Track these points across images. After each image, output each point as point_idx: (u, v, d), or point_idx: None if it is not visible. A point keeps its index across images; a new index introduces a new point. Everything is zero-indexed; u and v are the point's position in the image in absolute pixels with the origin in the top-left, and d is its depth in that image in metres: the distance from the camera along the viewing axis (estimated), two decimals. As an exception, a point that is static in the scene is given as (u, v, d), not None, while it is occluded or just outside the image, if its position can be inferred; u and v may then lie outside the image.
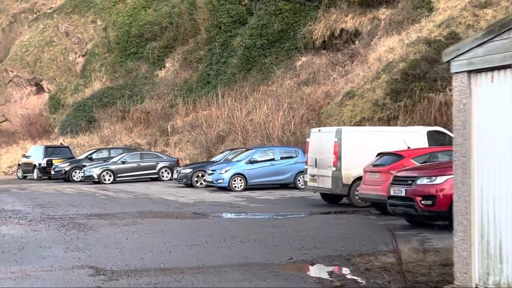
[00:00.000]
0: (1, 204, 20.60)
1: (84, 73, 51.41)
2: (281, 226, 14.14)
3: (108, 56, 50.34)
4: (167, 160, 31.72)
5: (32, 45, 53.85)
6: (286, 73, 37.66)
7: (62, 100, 50.99)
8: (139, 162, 31.00)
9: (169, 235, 13.09)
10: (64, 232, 13.75)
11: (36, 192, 26.16)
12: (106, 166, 30.43)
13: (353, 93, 29.77)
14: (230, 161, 24.83)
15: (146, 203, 20.05)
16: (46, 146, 36.55)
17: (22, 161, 37.23)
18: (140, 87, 46.32)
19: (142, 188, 26.54)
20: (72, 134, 44.73)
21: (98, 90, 47.79)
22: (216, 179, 23.96)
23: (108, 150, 34.20)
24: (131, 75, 47.98)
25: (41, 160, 34.90)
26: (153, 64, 47.48)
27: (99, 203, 20.48)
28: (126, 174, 30.61)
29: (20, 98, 54.14)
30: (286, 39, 39.76)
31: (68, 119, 46.56)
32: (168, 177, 31.08)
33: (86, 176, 30.33)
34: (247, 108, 34.51)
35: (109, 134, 41.25)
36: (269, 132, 31.73)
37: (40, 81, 53.09)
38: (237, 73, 39.96)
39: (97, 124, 44.48)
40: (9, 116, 54.00)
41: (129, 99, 45.10)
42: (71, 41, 53.24)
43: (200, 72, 42.94)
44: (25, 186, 30.28)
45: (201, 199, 21.11)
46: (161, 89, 44.90)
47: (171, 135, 37.52)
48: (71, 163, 33.13)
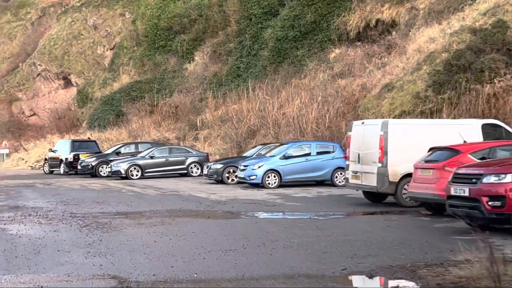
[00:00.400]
0: (23, 201, 19.40)
1: (112, 67, 50.35)
2: (325, 228, 12.62)
3: (137, 50, 49.20)
4: (196, 155, 30.35)
5: (60, 39, 52.96)
6: (319, 66, 36.08)
7: (90, 94, 49.99)
8: (168, 157, 29.68)
9: (201, 238, 11.67)
10: (86, 233, 12.41)
11: (61, 187, 24.98)
12: (134, 161, 29.18)
13: (392, 86, 28.07)
14: (263, 157, 23.32)
15: (175, 201, 18.66)
16: (73, 140, 35.47)
17: (48, 156, 36.20)
18: (169, 81, 45.10)
19: (171, 184, 25.20)
20: (100, 129, 43.69)
21: (126, 84, 46.66)
22: (248, 175, 22.50)
23: (136, 144, 32.97)
24: (159, 69, 46.78)
25: (68, 154, 33.80)
26: (182, 57, 46.22)
27: (125, 200, 19.15)
28: (154, 170, 29.32)
29: (48, 92, 53.30)
30: (319, 30, 38.17)
31: (96, 113, 45.51)
32: (197, 173, 29.72)
33: (113, 172, 29.11)
34: (279, 101, 32.99)
35: (137, 129, 40.06)
36: (302, 126, 30.17)
37: (68, 75, 52.17)
38: (268, 66, 38.50)
39: (125, 118, 43.37)
40: (37, 110, 53.19)
41: (158, 93, 43.92)
42: (99, 34, 52.23)
43: (230, 65, 41.55)
44: (50, 181, 29.17)
45: (233, 197, 19.67)
46: (190, 83, 43.62)
47: (201, 130, 36.18)
48: (98, 157, 31.97)
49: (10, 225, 13.79)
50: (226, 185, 24.32)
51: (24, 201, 19.16)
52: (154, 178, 29.18)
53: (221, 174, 24.49)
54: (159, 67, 46.95)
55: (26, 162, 45.27)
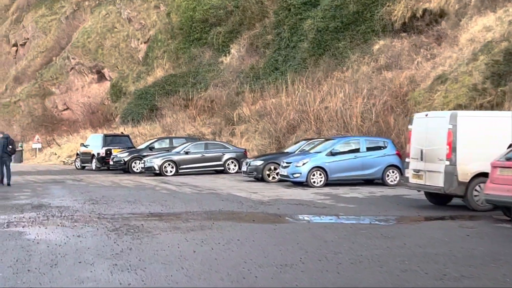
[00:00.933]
0: (49, 199, 17.73)
1: (146, 60, 48.81)
2: (393, 237, 10.61)
3: (171, 43, 47.53)
4: (233, 151, 28.48)
5: (94, 32, 51.61)
6: (363, 58, 33.92)
7: (123, 88, 48.53)
8: (204, 153, 27.86)
9: (248, 247, 9.76)
10: (114, 239, 10.59)
11: (91, 184, 23.32)
12: (168, 157, 27.42)
13: (445, 77, 25.84)
14: (308, 153, 21.32)
15: (213, 200, 16.80)
16: (105, 135, 33.84)
17: (80, 151, 34.72)
18: (204, 74, 43.34)
19: (208, 182, 23.36)
20: (133, 123, 42.14)
21: (161, 78, 45.03)
22: (292, 173, 20.52)
23: (170, 139, 31.20)
24: (194, 62, 45.04)
25: (100, 149, 32.23)
26: (218, 50, 44.42)
27: (159, 199, 17.35)
28: (189, 166, 27.55)
29: (82, 86, 52.02)
30: (361, 21, 35.96)
31: (130, 108, 43.97)
32: (234, 170, 27.88)
33: (147, 168, 27.41)
34: (320, 95, 30.93)
35: (171, 123, 38.38)
36: (346, 121, 28.08)
37: (102, 68, 50.79)
38: (308, 59, 36.47)
39: (159, 112, 41.75)
40: (70, 104, 51.96)
41: (193, 87, 42.22)
42: (133, 27, 50.74)
43: (267, 58, 39.62)
44: (81, 177, 27.58)
45: (277, 196, 17.72)
46: (226, 76, 41.79)
47: (237, 125, 34.30)
48: (130, 153, 30.31)
49: (29, 228, 12.05)
50: (266, 183, 22.38)
51: (50, 199, 17.49)
52: (189, 175, 27.44)
53: (261, 171, 22.56)
54: (194, 60, 45.22)
55: (59, 157, 43.99)
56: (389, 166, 20.47)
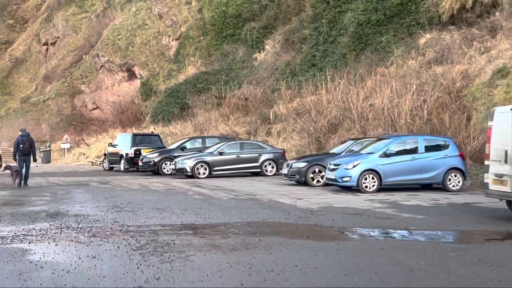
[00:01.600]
0: (68, 204, 15.51)
1: (177, 58, 46.69)
2: (498, 264, 8.08)
3: (203, 39, 45.32)
4: (271, 151, 26.07)
5: (124, 29, 49.67)
6: (408, 53, 31.27)
7: (154, 86, 46.46)
8: (239, 154, 25.50)
9: (312, 279, 7.32)
10: (138, 262, 8.24)
11: (117, 187, 21.10)
12: (201, 158, 25.11)
13: (506, 71, 23.11)
14: (358, 154, 18.78)
15: (254, 208, 14.39)
16: (134, 134, 31.66)
17: (108, 151, 32.64)
18: (237, 72, 41.03)
19: (245, 185, 20.98)
20: (164, 122, 40.01)
21: (192, 75, 42.83)
22: (340, 176, 18.02)
23: (203, 139, 28.91)
24: (227, 59, 42.74)
25: (128, 149, 30.10)
26: (252, 46, 42.06)
27: (192, 205, 15.01)
28: (223, 168, 25.22)
29: (112, 84, 50.10)
30: (406, 13, 33.27)
31: (160, 106, 41.84)
32: (272, 172, 25.48)
33: (178, 169, 25.13)
34: (364, 91, 28.34)
35: (204, 122, 36.12)
36: (394, 119, 25.47)
37: (132, 66, 48.80)
38: (348, 54, 33.93)
39: (191, 111, 39.54)
40: (100, 103, 50.09)
41: (225, 85, 39.96)
42: (164, 24, 48.66)
43: (304, 54, 37.13)
44: (108, 179, 25.42)
45: (326, 204, 15.25)
46: (261, 73, 39.41)
47: (274, 123, 31.86)
48: (161, 153, 28.08)
49: (37, 244, 9.78)
50: (311, 187, 19.90)
51: (69, 205, 15.27)
52: (223, 177, 25.12)
53: (304, 174, 20.08)
54: (226, 57, 42.93)
55: (87, 158, 42.09)
56: (451, 169, 17.86)
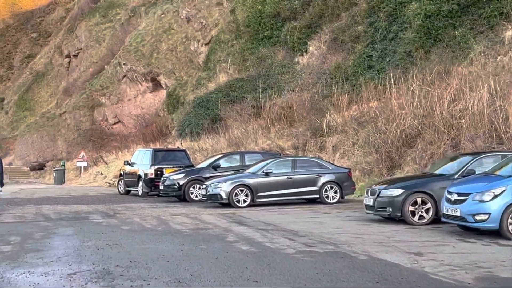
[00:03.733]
0: (25, 268, 8.63)
1: (207, 65, 39.98)
2: None
3: (237, 43, 38.59)
4: (333, 171, 18.95)
5: (149, 34, 43.21)
6: (492, 48, 24.27)
7: (181, 97, 39.83)
8: (291, 174, 18.46)
9: None
10: None
11: (125, 223, 14.19)
12: (241, 180, 18.13)
13: None
14: (493, 176, 11.57)
15: (357, 280, 7.37)
16: (155, 150, 24.68)
17: (124, 170, 25.90)
18: (277, 78, 34.22)
19: (309, 222, 13.90)
20: (192, 136, 33.27)
21: (225, 83, 36.07)
22: (471, 213, 10.85)
23: (241, 155, 21.87)
24: (264, 64, 35.93)
25: (148, 169, 23.32)
26: (293, 48, 35.26)
27: (238, 269, 8.09)
28: (270, 193, 18.21)
29: (135, 96, 43.60)
30: (485, 2, 26.31)
31: (188, 118, 35.10)
32: (335, 198, 18.46)
33: (210, 195, 18.20)
34: (448, 94, 21.19)
35: (240, 136, 29.23)
36: (500, 128, 18.29)
37: (157, 75, 42.24)
38: (414, 52, 26.93)
39: (223, 123, 32.72)
40: (121, 117, 43.56)
41: (264, 92, 33.17)
42: (192, 27, 42.10)
43: (357, 54, 30.15)
44: (118, 208, 18.56)
45: (475, 265, 8.19)
46: (304, 79, 32.54)
47: (328, 136, 24.81)
48: (187, 173, 21.15)
49: None
50: (411, 227, 12.73)
51: (27, 269, 8.42)
52: (270, 205, 18.14)
53: (400, 207, 12.92)
54: (264, 62, 36.12)
55: (105, 178, 35.48)
56: None
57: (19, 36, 71.90)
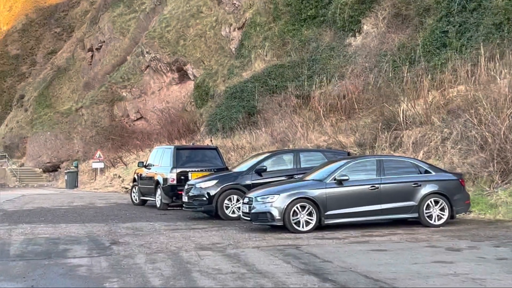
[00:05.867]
0: None
1: (241, 52, 33.70)
2: None
3: (275, 26, 32.24)
4: (437, 177, 12.30)
5: (175, 19, 37.05)
6: None
7: (211, 88, 33.58)
8: (376, 182, 11.90)
9: None
10: None
11: (121, 267, 7.81)
12: (301, 192, 11.60)
13: None
14: None
15: None
16: (178, 148, 18.10)
17: (139, 174, 19.61)
18: (325, 62, 27.77)
19: (444, 276, 7.42)
20: (224, 133, 26.99)
21: (262, 71, 29.71)
22: None
23: (296, 154, 15.13)
24: (308, 48, 29.52)
25: (168, 172, 16.99)
26: (343, 28, 28.78)
27: None
28: (346, 211, 11.66)
29: (159, 88, 37.43)
30: None
31: (219, 112, 28.80)
32: (442, 219, 11.91)
33: (256, 214, 11.74)
34: None
35: (283, 131, 22.77)
36: None
37: (184, 64, 36.03)
38: (505, 23, 20.26)
39: (262, 116, 26.35)
40: (144, 112, 37.46)
41: (309, 80, 26.73)
42: (224, 10, 35.83)
43: (428, 31, 23.54)
44: (121, 231, 12.21)
45: None
46: (359, 63, 26.04)
47: (404, 129, 18.12)
48: (221, 180, 14.65)
49: None
50: None
51: None
52: (341, 228, 11.67)
53: None
54: (307, 45, 29.72)
55: (123, 181, 29.36)
56: None
57: (42, 31, 66.60)
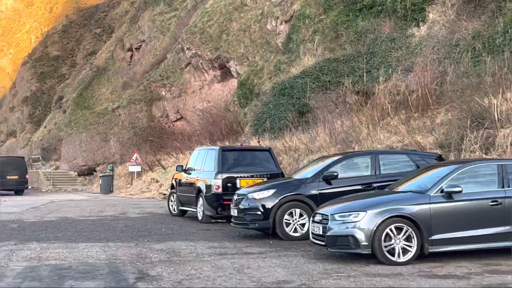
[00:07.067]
0: None
1: (288, 46, 30.50)
2: None
3: (325, 17, 28.99)
4: None
5: (217, 12, 34.09)
6: None
7: (256, 86, 30.49)
8: (498, 196, 8.51)
9: None
10: None
11: None
12: (395, 207, 8.31)
13: None
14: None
15: None
16: (223, 149, 14.89)
17: (177, 180, 16.52)
18: (384, 55, 24.39)
19: None
20: (272, 133, 23.80)
21: (314, 66, 26.45)
22: None
23: (373, 157, 11.73)
24: (365, 40, 26.17)
25: (212, 178, 13.85)
26: (404, 17, 25.38)
27: None
28: (461, 235, 8.29)
29: (200, 87, 34.52)
30: None
31: (267, 110, 25.64)
32: None
33: (334, 237, 8.47)
34: None
35: (344, 130, 19.40)
36: None
37: (227, 61, 33.02)
38: None
39: (313, 115, 23.08)
40: (184, 112, 34.57)
41: (368, 75, 23.39)
42: (270, 2, 32.73)
43: (509, 16, 19.90)
44: (153, 255, 9.06)
45: None
46: (425, 54, 22.52)
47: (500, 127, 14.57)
48: (280, 189, 11.35)
49: None
50: None
51: None
52: (454, 256, 8.29)
53: None
54: (364, 37, 26.36)
55: (161, 186, 26.44)
56: None
57: (83, 32, 64.73)
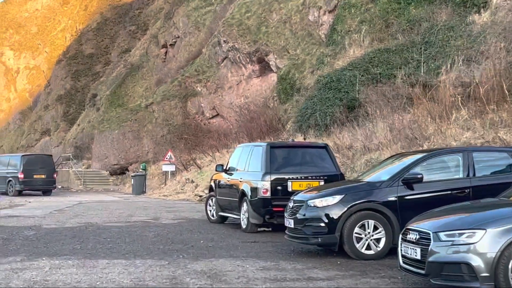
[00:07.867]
0: None
1: (332, 38, 28.05)
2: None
3: (373, 6, 26.47)
4: None
5: (256, 3, 31.88)
6: None
7: (297, 81, 28.17)
8: None
9: None
10: None
11: None
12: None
13: None
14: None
15: None
16: (272, 146, 12.46)
17: (216, 181, 14.29)
18: (442, 45, 21.77)
19: None
20: (318, 130, 21.48)
21: (362, 57, 23.99)
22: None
23: (464, 155, 9.08)
24: (419, 28, 23.57)
25: (258, 180, 11.57)
26: (463, 4, 22.79)
27: None
28: None
29: (237, 82, 32.34)
30: None
31: (311, 105, 23.27)
32: None
33: (437, 264, 6.10)
34: None
35: (406, 125, 16.91)
36: None
37: (266, 54, 30.77)
38: None
39: (364, 110, 20.66)
40: (221, 108, 32.42)
41: (426, 65, 20.85)
42: (312, -9, 30.29)
43: None
44: (189, 277, 6.84)
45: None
46: (488, 43, 19.88)
47: None
48: (347, 194, 9.00)
49: None
50: None
51: None
52: None
53: None
54: (418, 26, 23.78)
55: (196, 187, 24.33)
56: None
57: (117, 29, 63.35)
